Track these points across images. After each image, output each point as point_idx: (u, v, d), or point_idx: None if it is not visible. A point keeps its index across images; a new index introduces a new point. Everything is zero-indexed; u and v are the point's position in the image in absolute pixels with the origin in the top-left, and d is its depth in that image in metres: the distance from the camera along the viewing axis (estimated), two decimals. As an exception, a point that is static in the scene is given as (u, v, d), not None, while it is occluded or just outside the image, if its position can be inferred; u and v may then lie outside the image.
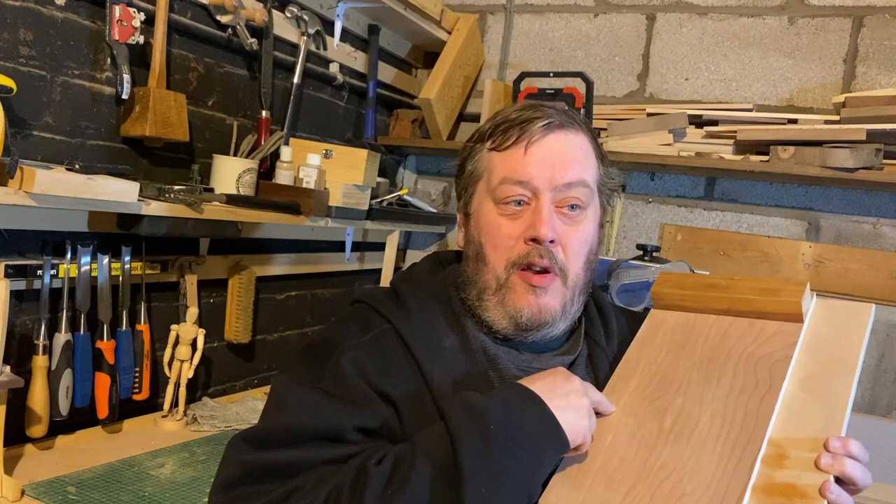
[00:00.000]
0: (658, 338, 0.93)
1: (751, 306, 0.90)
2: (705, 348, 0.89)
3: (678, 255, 2.14)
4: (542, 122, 0.92)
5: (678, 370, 0.88)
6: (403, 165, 2.60)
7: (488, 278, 0.93)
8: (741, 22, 2.15)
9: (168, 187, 1.45)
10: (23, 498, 1.19)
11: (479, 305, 0.94)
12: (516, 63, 2.45)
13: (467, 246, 0.98)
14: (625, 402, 0.86)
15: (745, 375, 0.84)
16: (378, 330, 0.92)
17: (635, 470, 0.78)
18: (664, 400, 0.84)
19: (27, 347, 1.35)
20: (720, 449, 0.77)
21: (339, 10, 2.05)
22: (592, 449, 0.81)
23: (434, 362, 0.88)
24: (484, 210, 0.95)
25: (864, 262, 1.98)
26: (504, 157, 0.93)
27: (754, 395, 0.81)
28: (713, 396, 0.82)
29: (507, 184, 0.91)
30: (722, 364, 0.86)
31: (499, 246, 0.92)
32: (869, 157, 1.77)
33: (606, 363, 0.97)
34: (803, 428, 0.77)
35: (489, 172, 0.95)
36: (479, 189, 0.96)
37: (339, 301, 2.30)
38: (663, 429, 0.81)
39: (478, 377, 0.89)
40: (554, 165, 0.91)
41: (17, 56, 1.31)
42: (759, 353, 0.86)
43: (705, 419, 0.80)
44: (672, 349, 0.91)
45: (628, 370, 0.91)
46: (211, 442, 1.54)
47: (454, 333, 0.93)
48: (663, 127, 2.04)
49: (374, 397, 0.85)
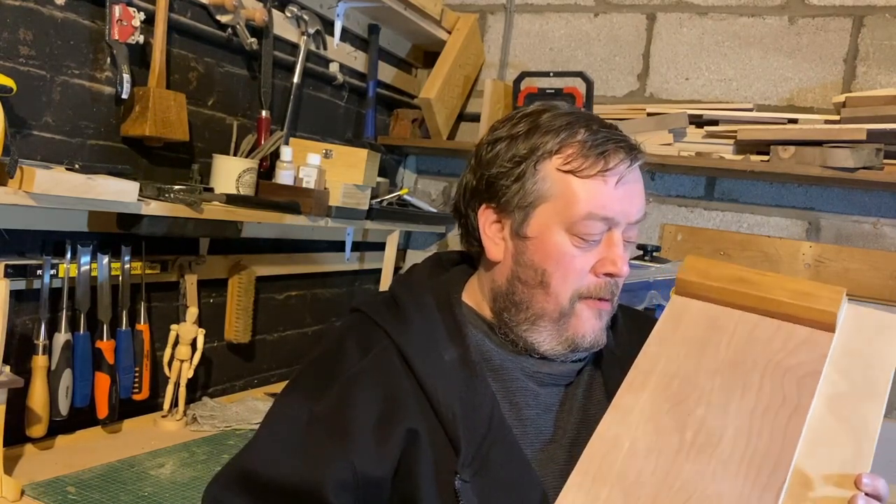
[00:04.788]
0: (680, 331, 0.88)
1: (782, 308, 0.84)
2: (729, 350, 0.84)
3: (678, 255, 2.13)
4: (628, 156, 0.87)
5: (700, 374, 0.82)
6: (403, 165, 2.60)
7: (547, 307, 0.90)
8: (741, 22, 2.15)
9: (168, 187, 1.45)
10: (23, 498, 1.19)
11: (529, 329, 0.91)
12: (516, 63, 2.45)
13: (520, 269, 0.91)
14: (643, 404, 0.81)
15: (772, 389, 0.78)
16: (378, 349, 0.89)
17: (654, 487, 0.73)
18: (685, 407, 0.80)
19: (27, 347, 1.35)
20: (744, 472, 0.72)
21: (339, 9, 2.05)
22: (609, 453, 0.77)
23: (436, 379, 0.86)
24: (555, 238, 0.88)
25: (865, 262, 1.98)
26: (587, 186, 0.86)
27: (781, 414, 0.76)
28: (737, 410, 0.78)
29: (594, 220, 0.86)
30: (747, 372, 0.81)
31: (569, 278, 0.88)
32: (869, 157, 1.77)
33: (616, 365, 0.95)
34: (830, 457, 0.72)
35: (567, 200, 0.87)
36: (545, 212, 0.88)
37: (340, 301, 2.30)
38: (684, 442, 0.76)
39: (480, 392, 0.88)
40: (633, 202, 0.89)
41: (17, 56, 1.31)
42: (787, 364, 0.80)
43: (728, 436, 0.76)
44: (694, 347, 0.85)
45: (647, 365, 0.85)
46: (211, 442, 1.54)
47: (454, 345, 0.90)
48: (663, 127, 2.04)
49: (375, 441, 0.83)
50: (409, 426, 0.84)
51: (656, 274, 1.74)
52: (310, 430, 0.84)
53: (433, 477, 0.82)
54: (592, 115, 0.93)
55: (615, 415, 0.81)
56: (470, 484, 0.81)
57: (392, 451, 0.83)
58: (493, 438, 0.85)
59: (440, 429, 0.84)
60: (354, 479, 0.81)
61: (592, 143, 0.86)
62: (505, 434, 0.87)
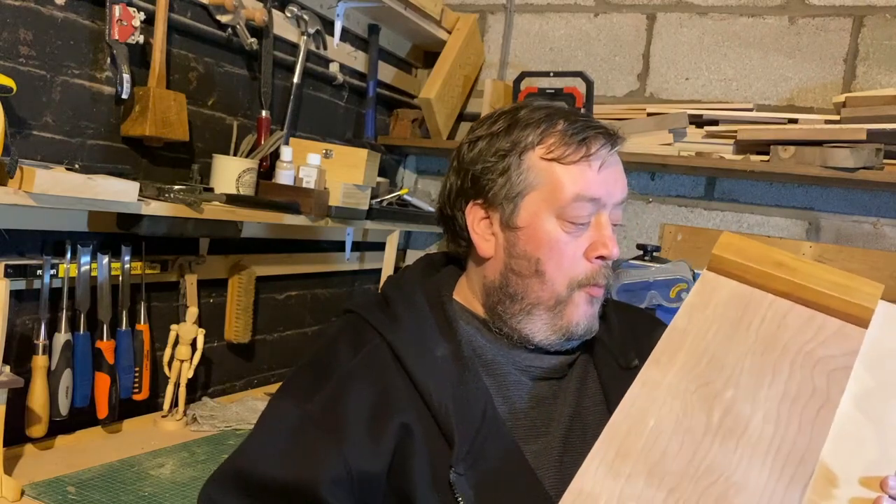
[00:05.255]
0: (710, 308, 0.85)
1: (817, 298, 0.82)
2: (760, 334, 0.82)
3: (678, 254, 2.13)
4: (609, 140, 0.91)
5: (729, 355, 0.80)
6: (403, 165, 2.60)
7: (543, 295, 0.91)
8: (741, 22, 2.15)
9: (168, 187, 1.45)
10: (23, 498, 1.19)
11: (523, 320, 0.92)
12: (516, 63, 2.45)
13: (513, 260, 0.92)
14: (670, 380, 0.78)
15: (802, 379, 0.77)
16: (369, 346, 0.90)
17: (680, 467, 0.71)
18: (713, 388, 0.77)
19: (27, 347, 1.35)
20: (770, 462, 0.71)
21: (339, 9, 2.05)
22: (634, 430, 0.75)
23: (428, 375, 0.87)
24: (545, 225, 0.90)
25: (865, 262, 1.98)
26: (572, 171, 0.89)
27: (810, 405, 0.75)
28: (766, 396, 0.76)
29: (581, 202, 0.88)
30: (777, 358, 0.79)
31: (563, 265, 0.90)
32: (869, 157, 1.77)
33: (611, 357, 0.97)
34: (855, 455, 0.72)
35: (553, 186, 0.89)
36: (533, 201, 0.90)
37: (340, 301, 2.30)
38: (711, 423, 0.74)
39: (472, 387, 0.88)
40: (617, 183, 0.91)
41: (17, 56, 1.31)
42: (818, 355, 0.79)
43: (756, 422, 0.74)
44: (724, 326, 0.83)
45: (676, 340, 0.82)
46: (211, 442, 1.54)
47: (446, 341, 0.91)
48: (663, 127, 2.04)
49: (369, 437, 0.83)
50: (402, 421, 0.84)
51: (656, 274, 1.74)
52: (303, 429, 0.84)
53: (427, 471, 0.83)
54: (568, 108, 0.97)
55: (641, 389, 0.78)
56: (465, 477, 0.82)
57: (386, 446, 0.83)
58: (486, 432, 0.85)
59: (433, 424, 0.84)
60: (349, 475, 0.82)
61: (573, 132, 0.89)
62: (498, 427, 0.87)
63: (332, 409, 0.84)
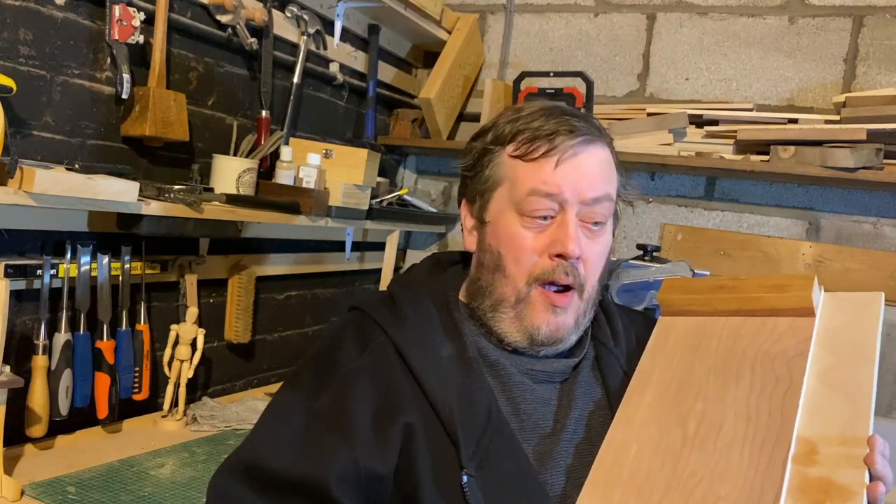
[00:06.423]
0: (669, 344, 0.91)
1: (761, 304, 0.88)
2: (719, 350, 0.87)
3: (678, 255, 2.13)
4: (574, 137, 0.90)
5: (694, 375, 0.86)
6: (403, 165, 2.60)
7: (506, 291, 0.92)
8: (741, 22, 2.15)
9: (168, 187, 1.45)
10: (22, 498, 1.19)
11: (493, 317, 0.93)
12: (516, 63, 2.45)
13: (482, 254, 0.95)
14: (643, 413, 0.84)
15: (764, 374, 0.82)
16: (375, 345, 0.90)
17: (664, 479, 0.76)
18: (684, 406, 0.82)
19: (27, 347, 1.35)
20: (748, 450, 0.75)
21: (339, 9, 2.05)
22: (617, 461, 0.79)
23: (432, 375, 0.87)
24: (505, 220, 0.92)
25: (865, 262, 1.98)
26: (531, 167, 0.90)
27: (775, 393, 0.79)
28: (734, 398, 0.81)
29: (536, 196, 0.89)
30: (738, 364, 0.84)
31: (521, 260, 0.90)
32: (869, 157, 1.77)
33: (616, 364, 0.96)
34: (829, 422, 0.76)
35: (513, 181, 0.91)
36: (499, 196, 0.93)
37: (340, 301, 2.30)
38: (687, 435, 0.79)
39: (477, 387, 0.88)
40: (583, 180, 0.90)
41: (17, 56, 1.31)
42: (775, 351, 0.84)
43: (729, 421, 0.79)
44: (685, 354, 0.89)
45: (643, 381, 0.88)
46: (211, 442, 1.54)
47: (451, 341, 0.91)
48: (663, 127, 2.04)
49: (376, 437, 0.84)
50: (407, 421, 0.84)
51: (656, 274, 1.74)
52: (310, 426, 0.85)
53: (432, 472, 0.83)
54: (563, 107, 0.95)
55: (619, 426, 0.84)
56: (475, 478, 0.82)
57: (392, 447, 0.83)
58: (492, 432, 0.86)
59: (437, 424, 0.85)
60: (357, 474, 0.82)
61: (543, 130, 0.90)
62: (503, 427, 0.88)
63: (338, 407, 0.85)
